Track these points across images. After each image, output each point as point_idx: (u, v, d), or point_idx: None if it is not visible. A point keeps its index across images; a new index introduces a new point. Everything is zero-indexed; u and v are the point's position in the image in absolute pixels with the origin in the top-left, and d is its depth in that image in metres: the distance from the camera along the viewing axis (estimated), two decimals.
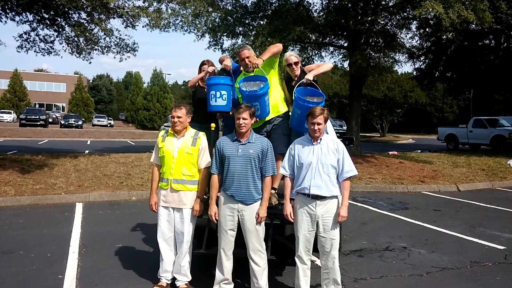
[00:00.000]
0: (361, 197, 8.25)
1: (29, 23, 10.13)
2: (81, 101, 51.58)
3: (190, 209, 3.53)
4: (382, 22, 12.77)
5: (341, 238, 3.50)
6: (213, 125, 4.06)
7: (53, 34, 10.44)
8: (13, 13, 9.79)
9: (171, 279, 3.63)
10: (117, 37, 10.47)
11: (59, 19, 10.03)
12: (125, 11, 9.60)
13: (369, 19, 11.57)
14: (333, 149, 3.28)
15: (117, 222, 5.94)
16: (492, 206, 7.69)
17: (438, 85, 34.02)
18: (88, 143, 21.47)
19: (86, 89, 56.22)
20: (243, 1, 12.77)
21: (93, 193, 7.51)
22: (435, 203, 7.99)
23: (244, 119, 3.28)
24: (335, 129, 5.59)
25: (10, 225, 5.66)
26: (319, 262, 3.51)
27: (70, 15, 9.97)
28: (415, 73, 20.08)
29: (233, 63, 4.20)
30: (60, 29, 10.26)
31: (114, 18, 9.94)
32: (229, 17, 12.10)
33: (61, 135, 25.60)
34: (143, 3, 10.51)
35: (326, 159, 3.23)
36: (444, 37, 14.54)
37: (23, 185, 7.61)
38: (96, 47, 10.51)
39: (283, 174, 3.41)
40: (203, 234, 3.70)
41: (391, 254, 4.73)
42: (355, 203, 7.57)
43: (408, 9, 11.53)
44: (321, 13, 12.59)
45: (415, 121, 51.11)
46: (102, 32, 9.87)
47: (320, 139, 3.29)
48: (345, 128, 19.20)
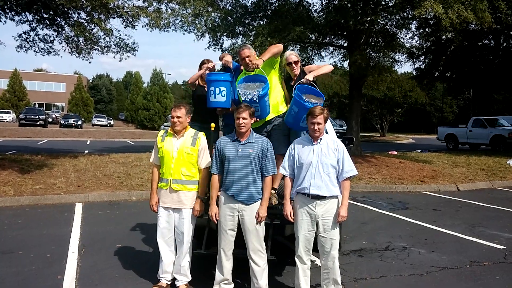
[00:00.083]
0: (361, 197, 8.25)
1: (28, 23, 10.12)
2: (80, 101, 51.56)
3: (190, 209, 3.53)
4: (382, 22, 12.77)
5: (341, 238, 3.50)
6: (213, 125, 4.05)
7: (52, 34, 10.44)
8: (13, 13, 9.78)
9: (171, 279, 3.62)
10: (116, 37, 10.48)
11: (58, 19, 10.03)
12: (124, 11, 9.60)
13: (369, 19, 11.57)
14: (333, 149, 3.28)
15: (117, 222, 5.94)
16: (492, 206, 7.70)
17: (437, 85, 34.02)
18: (88, 143, 21.46)
19: (85, 89, 56.21)
20: (243, 1, 12.78)
21: (93, 193, 7.51)
22: (435, 203, 8.00)
23: (244, 118, 3.27)
24: (335, 129, 5.58)
25: (9, 225, 5.66)
26: (319, 262, 3.51)
27: (70, 15, 9.97)
28: (414, 73, 20.08)
29: (233, 62, 4.19)
30: (60, 29, 10.25)
31: (113, 18, 9.95)
32: (229, 17, 12.10)
33: (60, 135, 25.59)
34: (143, 3, 10.52)
35: (326, 159, 3.23)
36: (444, 37, 14.54)
37: (22, 185, 7.60)
38: (96, 47, 10.52)
39: (283, 174, 3.41)
40: (203, 234, 3.69)
41: (391, 254, 4.73)
42: (355, 203, 7.57)
43: (407, 9, 11.53)
44: (321, 13, 12.60)
45: (415, 121, 51.12)
46: (101, 32, 9.86)
47: (320, 139, 3.29)
48: (345, 128, 19.21)
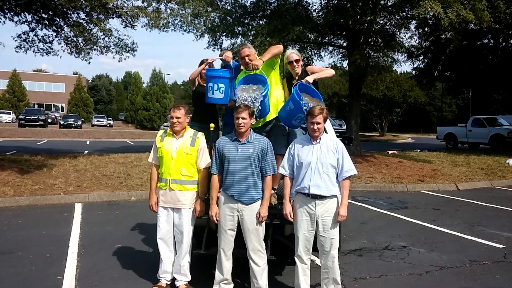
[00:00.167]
0: (360, 196, 8.26)
1: (27, 23, 10.12)
2: (80, 101, 51.52)
3: (189, 209, 3.53)
4: (381, 22, 12.77)
5: (340, 238, 3.50)
6: (213, 125, 4.05)
7: (51, 34, 10.44)
8: (12, 13, 9.78)
9: (170, 279, 3.62)
10: (116, 37, 10.48)
11: (57, 19, 10.02)
12: (124, 11, 9.60)
13: (368, 18, 11.57)
14: (332, 148, 3.28)
15: (117, 223, 5.94)
16: (491, 205, 7.70)
17: (437, 85, 34.07)
18: (88, 143, 21.45)
19: (85, 89, 56.19)
20: (242, 1, 12.78)
21: (92, 193, 7.50)
22: (434, 202, 8.00)
23: (243, 118, 3.27)
24: (334, 129, 5.59)
25: (9, 225, 5.65)
26: (318, 262, 3.51)
27: (69, 15, 9.97)
28: (414, 72, 20.10)
29: (233, 61, 4.19)
30: (59, 29, 10.25)
31: (113, 18, 9.94)
32: (228, 17, 12.10)
33: (60, 135, 25.58)
34: (142, 3, 10.53)
35: (325, 159, 3.23)
36: (443, 36, 14.56)
37: (22, 185, 7.59)
38: (95, 47, 10.51)
39: (282, 173, 3.41)
40: (202, 234, 3.69)
41: (391, 253, 4.74)
42: (355, 202, 7.58)
43: (407, 9, 11.54)
44: (320, 13, 12.61)
45: (414, 120, 51.16)
46: (101, 32, 9.87)
47: (320, 138, 3.29)
48: (344, 127, 19.23)
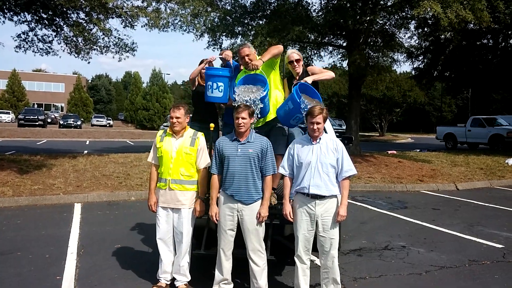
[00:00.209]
0: (360, 196, 8.26)
1: (27, 23, 10.10)
2: (80, 101, 51.49)
3: (189, 209, 3.53)
4: (381, 22, 12.77)
5: (340, 238, 3.50)
6: (212, 125, 4.05)
7: (51, 34, 10.43)
8: (11, 13, 9.76)
9: (170, 279, 3.62)
10: (115, 37, 10.47)
11: (57, 19, 10.01)
12: (123, 11, 9.60)
13: (368, 18, 11.58)
14: (332, 148, 3.28)
15: (116, 223, 5.93)
16: (491, 205, 7.71)
17: (436, 85, 34.08)
18: (87, 143, 21.44)
19: (85, 89, 56.15)
20: (242, 1, 12.78)
21: (92, 193, 7.50)
22: (434, 202, 8.01)
23: (243, 118, 3.27)
24: (334, 129, 5.59)
25: (8, 226, 5.65)
26: (318, 262, 3.51)
27: (69, 15, 9.96)
28: (413, 72, 20.12)
29: (233, 61, 4.19)
30: (59, 29, 10.24)
31: (112, 18, 9.94)
32: (228, 17, 12.10)
33: (59, 135, 25.55)
34: (142, 3, 10.53)
35: (325, 159, 3.23)
36: (443, 36, 14.56)
37: (21, 185, 7.58)
38: (95, 47, 10.50)
39: (282, 173, 3.41)
40: (202, 235, 3.69)
41: (390, 253, 4.74)
42: (355, 202, 7.58)
43: (406, 9, 11.54)
44: (320, 13, 12.61)
45: (414, 120, 51.20)
46: (100, 32, 9.86)
47: (320, 138, 3.29)
48: (344, 127, 19.24)
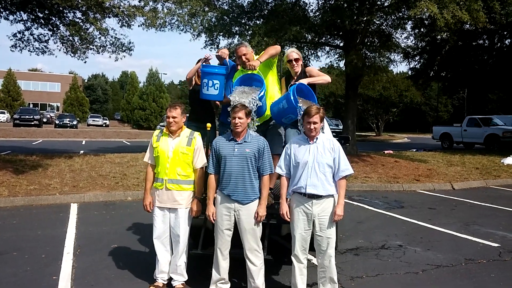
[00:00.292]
0: (357, 196, 8.28)
1: (23, 22, 10.05)
2: (76, 100, 51.24)
3: (186, 208, 3.52)
4: (378, 22, 12.82)
5: (337, 237, 3.51)
6: (209, 125, 4.05)
7: (47, 34, 10.38)
8: (7, 12, 9.71)
9: (167, 279, 3.61)
10: (112, 37, 10.44)
11: (53, 18, 9.97)
12: (120, 10, 9.58)
13: (365, 19, 11.61)
14: (329, 148, 3.29)
15: (113, 223, 5.91)
16: (486, 204, 7.75)
17: (433, 85, 34.23)
18: (83, 143, 21.34)
19: (81, 89, 55.85)
20: (239, 0, 12.79)
21: (88, 193, 7.47)
22: (430, 201, 8.04)
23: (240, 118, 3.27)
24: (331, 129, 5.59)
25: (4, 226, 5.62)
26: (315, 261, 3.51)
27: (65, 14, 9.92)
28: (410, 72, 20.21)
29: (230, 61, 4.19)
30: (55, 28, 10.19)
31: (109, 18, 9.91)
32: (225, 17, 12.10)
33: (55, 135, 25.42)
34: (139, 2, 10.53)
35: (322, 158, 3.24)
36: (439, 37, 14.62)
37: (17, 185, 7.54)
38: (91, 47, 10.46)
39: (279, 173, 3.41)
40: (199, 234, 3.69)
41: (387, 252, 4.75)
42: (351, 202, 7.60)
43: (403, 9, 11.59)
44: (317, 13, 12.63)
45: (410, 120, 51.40)
46: (97, 31, 9.84)
47: (316, 138, 3.30)
48: (341, 127, 19.27)
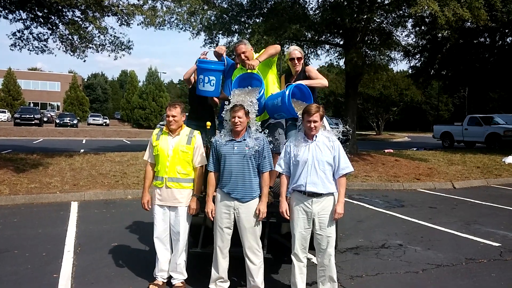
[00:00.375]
0: (357, 195, 8.27)
1: (22, 21, 10.03)
2: (76, 100, 51.27)
3: (186, 207, 3.52)
4: (378, 20, 12.78)
5: (337, 236, 3.50)
6: (209, 123, 4.05)
7: (46, 32, 10.37)
8: (6, 11, 9.69)
9: (167, 277, 3.61)
10: (111, 35, 10.42)
11: (52, 17, 9.95)
12: (119, 9, 9.57)
13: (365, 17, 11.57)
14: (328, 146, 3.28)
15: (113, 221, 5.92)
16: (487, 203, 7.74)
17: (433, 83, 34.22)
18: (84, 142, 21.35)
19: (81, 88, 55.87)
20: None
21: (89, 192, 7.47)
22: (430, 200, 8.03)
23: (239, 117, 3.27)
24: (330, 127, 5.57)
25: (4, 224, 5.62)
26: (315, 260, 3.51)
27: (64, 13, 9.90)
28: (410, 71, 20.16)
29: (228, 59, 4.18)
30: (54, 27, 10.18)
31: (108, 16, 9.90)
32: (224, 15, 12.07)
33: (56, 134, 25.44)
34: (138, 1, 10.49)
35: (321, 156, 3.23)
36: (440, 35, 14.57)
37: (17, 184, 7.55)
38: (91, 45, 10.45)
39: (279, 171, 3.41)
40: (199, 233, 3.69)
41: (387, 251, 4.75)
42: (351, 200, 7.59)
43: (403, 7, 11.54)
44: (317, 11, 12.59)
45: (410, 119, 51.39)
46: (96, 30, 9.83)
47: (316, 136, 3.29)
48: (341, 126, 19.26)
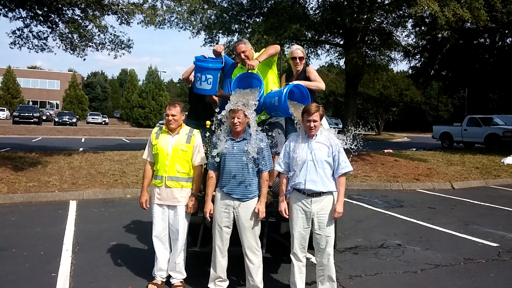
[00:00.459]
0: (356, 195, 8.27)
1: (22, 19, 10.03)
2: (75, 98, 51.25)
3: (185, 206, 3.52)
4: (378, 20, 12.79)
5: (336, 235, 3.50)
6: (208, 122, 4.04)
7: (46, 31, 10.37)
8: (6, 9, 9.68)
9: (165, 277, 3.61)
10: (111, 34, 10.42)
11: (52, 15, 9.95)
12: (119, 7, 9.56)
13: (365, 17, 11.58)
14: (328, 145, 3.28)
15: (111, 220, 5.91)
16: (486, 204, 7.75)
17: (433, 84, 34.21)
18: (83, 140, 21.32)
19: (80, 87, 55.88)
20: None
21: (87, 190, 7.46)
22: (429, 200, 8.03)
23: (238, 118, 3.27)
24: (330, 127, 5.57)
25: (3, 223, 5.61)
26: (314, 259, 3.51)
27: (64, 12, 9.90)
28: (410, 71, 20.20)
29: (227, 58, 4.18)
30: (54, 26, 10.17)
31: (108, 15, 9.90)
32: (224, 14, 12.08)
33: (55, 132, 25.41)
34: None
35: (321, 156, 3.23)
36: (440, 35, 14.60)
37: (16, 182, 7.54)
38: (90, 44, 10.45)
39: (278, 170, 3.41)
40: (198, 232, 3.68)
41: (386, 251, 4.75)
42: (351, 200, 7.59)
43: (404, 7, 11.55)
44: (317, 11, 12.61)
45: (410, 119, 51.42)
46: (96, 28, 9.83)
47: (315, 135, 3.29)
48: (340, 126, 19.29)
